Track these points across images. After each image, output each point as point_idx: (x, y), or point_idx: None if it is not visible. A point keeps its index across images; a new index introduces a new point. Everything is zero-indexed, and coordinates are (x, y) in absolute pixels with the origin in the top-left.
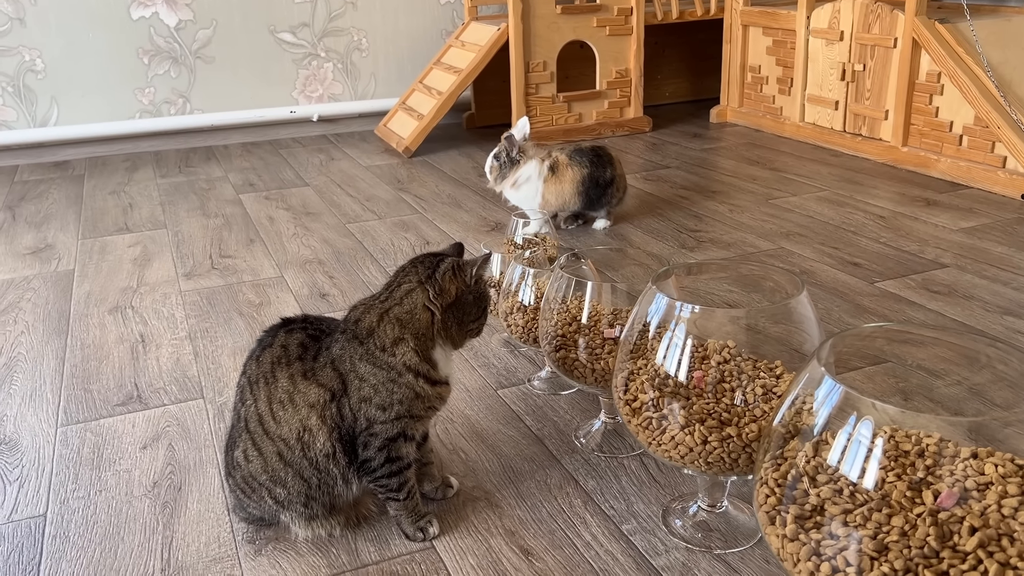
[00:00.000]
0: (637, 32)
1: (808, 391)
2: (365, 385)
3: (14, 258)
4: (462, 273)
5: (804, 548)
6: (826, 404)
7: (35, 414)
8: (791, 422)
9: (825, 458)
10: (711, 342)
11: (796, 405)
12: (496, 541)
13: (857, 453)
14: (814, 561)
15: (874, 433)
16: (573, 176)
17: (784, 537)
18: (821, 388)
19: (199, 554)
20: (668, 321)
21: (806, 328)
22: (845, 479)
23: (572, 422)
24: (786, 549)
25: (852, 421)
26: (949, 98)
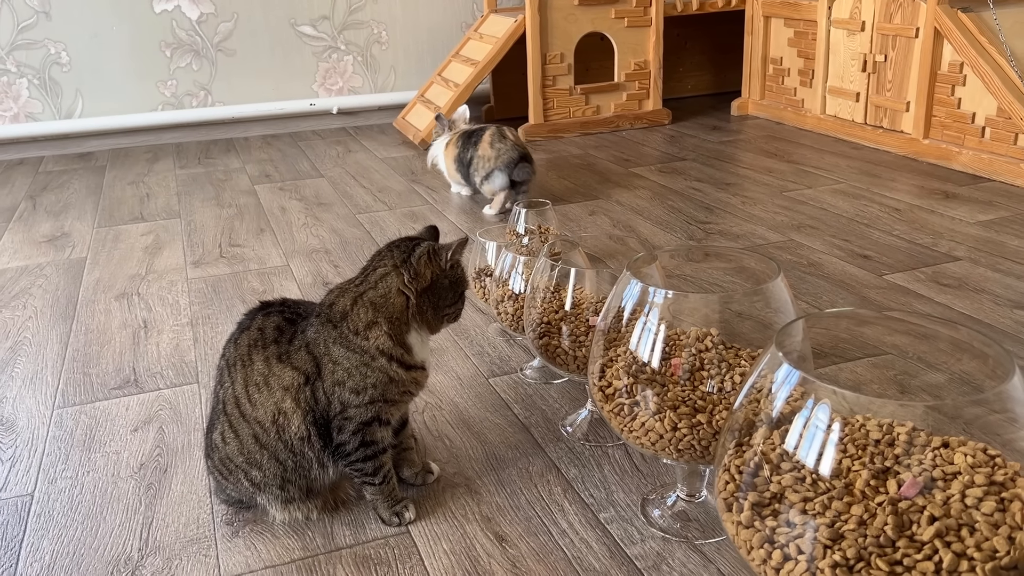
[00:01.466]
0: (656, 23)
1: (768, 375)
2: (339, 368)
3: (30, 245)
4: (437, 257)
5: (758, 535)
6: (783, 389)
7: (33, 396)
8: (751, 408)
9: (786, 445)
10: (693, 330)
11: (756, 391)
12: (472, 527)
13: (815, 439)
14: (767, 548)
15: (831, 419)
16: (450, 153)
17: (739, 524)
18: (779, 372)
19: (177, 535)
20: (643, 307)
21: (784, 315)
22: (807, 468)
23: (560, 411)
24: (740, 536)
25: (809, 405)
26: (971, 89)
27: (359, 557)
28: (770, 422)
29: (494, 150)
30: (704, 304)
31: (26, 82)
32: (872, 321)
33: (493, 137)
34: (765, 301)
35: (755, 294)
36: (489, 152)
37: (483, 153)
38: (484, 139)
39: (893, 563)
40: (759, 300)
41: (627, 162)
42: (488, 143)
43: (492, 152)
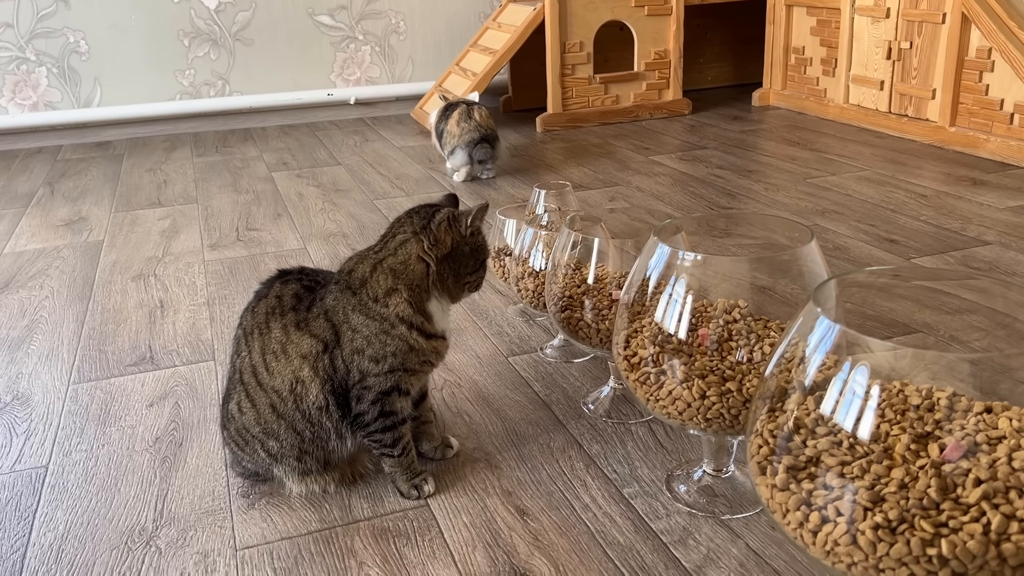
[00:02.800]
0: (677, 12)
1: (801, 340)
2: (358, 336)
3: (48, 229)
4: (457, 223)
5: (794, 498)
6: (821, 347)
7: (49, 372)
8: (785, 371)
9: (822, 410)
10: (720, 301)
11: (790, 354)
12: (492, 501)
13: (852, 402)
14: (803, 511)
15: (870, 381)
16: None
17: (774, 487)
18: (817, 329)
19: (192, 506)
20: (670, 275)
21: (815, 282)
22: (845, 432)
23: (581, 389)
24: (775, 499)
25: (846, 369)
26: (1000, 75)
27: (377, 529)
28: (805, 386)
29: (459, 128)
30: (734, 268)
31: (45, 71)
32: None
33: (461, 115)
34: (798, 267)
35: (788, 258)
36: (455, 129)
37: (450, 129)
38: (453, 116)
39: (938, 525)
40: (792, 266)
41: (647, 150)
42: (455, 121)
43: (457, 130)
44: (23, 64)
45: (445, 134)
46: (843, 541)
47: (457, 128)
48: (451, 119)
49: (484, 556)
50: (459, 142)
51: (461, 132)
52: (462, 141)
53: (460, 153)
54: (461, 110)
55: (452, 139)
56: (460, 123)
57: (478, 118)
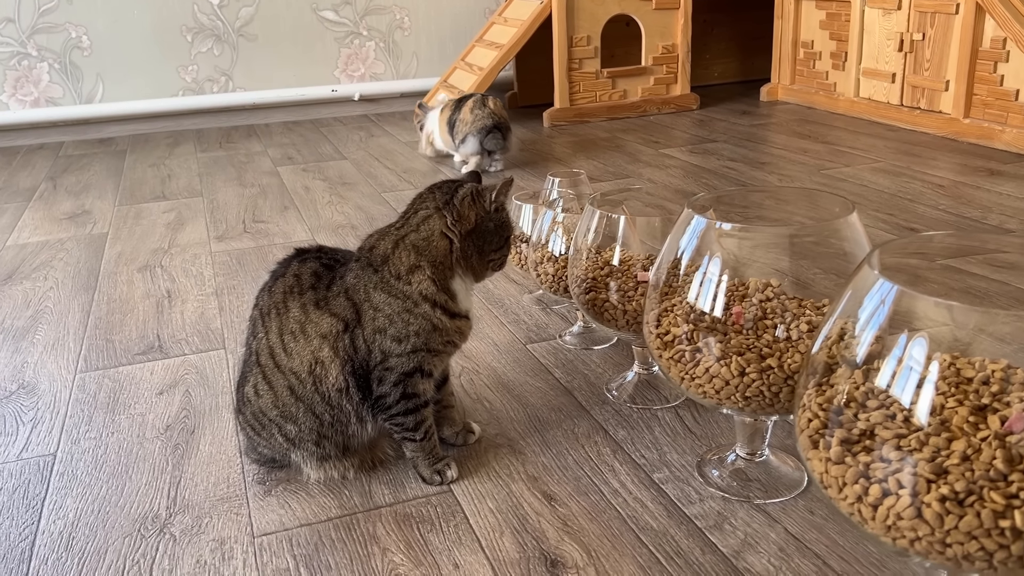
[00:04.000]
0: (684, 6)
1: (854, 307)
2: (380, 315)
3: (51, 222)
4: (481, 199)
5: (851, 471)
6: (877, 315)
7: (55, 361)
8: (833, 347)
9: (875, 383)
10: (752, 280)
11: (839, 327)
12: (517, 486)
13: (910, 375)
14: (862, 484)
15: (928, 353)
16: (444, 117)
17: (828, 460)
18: (871, 296)
19: (206, 493)
20: (705, 248)
21: (857, 255)
22: (898, 404)
23: (604, 375)
24: (830, 473)
25: (903, 342)
26: (1015, 65)
27: (400, 515)
28: (857, 357)
29: (472, 115)
30: (772, 239)
31: (47, 66)
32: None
33: (475, 103)
34: (839, 239)
35: (828, 229)
36: (468, 117)
37: (463, 117)
38: (467, 104)
39: (1009, 496)
40: (832, 238)
41: (657, 144)
42: (469, 108)
43: (470, 117)
44: (24, 60)
45: (458, 123)
46: (907, 515)
47: (470, 115)
48: (465, 107)
49: (512, 542)
50: (471, 129)
51: (474, 119)
52: (474, 128)
53: (471, 141)
54: (475, 99)
55: (464, 127)
56: (474, 111)
57: (492, 106)
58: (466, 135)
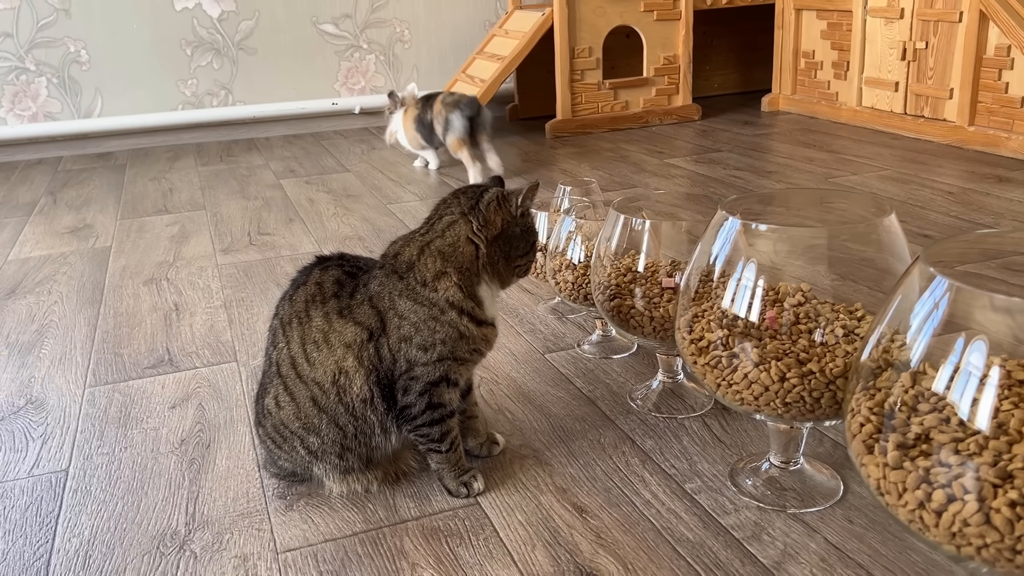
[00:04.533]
0: (686, 17)
1: (906, 307)
2: (405, 323)
3: (52, 236)
4: (507, 203)
5: (912, 476)
6: (934, 315)
7: (63, 376)
8: (882, 356)
9: (927, 387)
10: (782, 285)
11: (888, 335)
12: (546, 498)
13: (969, 379)
14: (924, 489)
15: (988, 361)
16: (410, 116)
17: (886, 466)
18: (932, 290)
19: (226, 508)
20: (740, 251)
21: (895, 255)
22: (951, 407)
23: (626, 384)
24: (889, 478)
25: (959, 347)
26: (1020, 72)
27: (427, 529)
28: (911, 359)
29: (444, 104)
30: (810, 239)
31: (45, 81)
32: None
33: (444, 96)
34: (877, 240)
35: (867, 230)
36: (440, 107)
37: (437, 109)
38: (437, 99)
39: None
40: (871, 241)
41: (661, 154)
42: (440, 101)
43: (441, 106)
44: (23, 74)
45: (434, 117)
46: (974, 521)
47: (442, 104)
48: (436, 102)
49: (545, 555)
50: (450, 110)
51: (448, 101)
52: (452, 107)
53: (456, 118)
54: (444, 94)
55: (441, 115)
56: (445, 100)
57: (458, 93)
58: (447, 117)
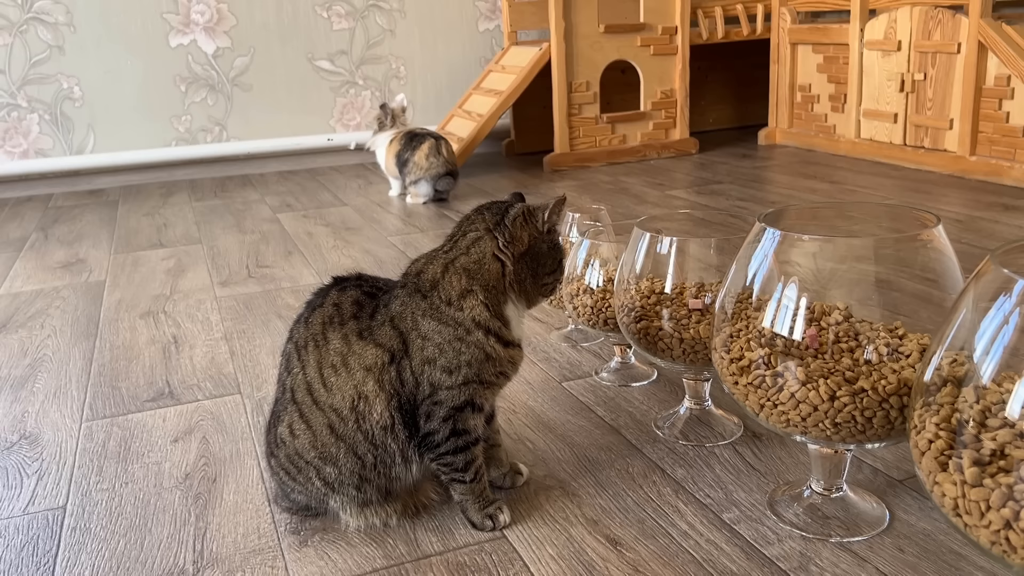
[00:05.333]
0: (682, 52)
1: (975, 318)
2: (429, 344)
3: (44, 271)
4: (533, 219)
5: (996, 493)
6: (1009, 324)
7: (59, 410)
8: (949, 370)
9: (993, 401)
10: (818, 304)
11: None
12: (577, 530)
13: None
14: (1012, 507)
15: None
16: (392, 149)
17: (964, 484)
18: (1005, 301)
19: (236, 545)
20: (780, 265)
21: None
22: None
23: (649, 412)
24: (969, 496)
25: None
26: (1021, 101)
27: (452, 564)
28: (980, 374)
29: (427, 162)
30: (858, 250)
31: (37, 117)
32: None
33: (430, 150)
34: (927, 252)
35: (915, 241)
36: (423, 163)
37: (418, 161)
38: (422, 148)
39: None
40: (918, 251)
41: (661, 186)
42: (424, 154)
43: (425, 163)
44: (14, 111)
45: (411, 164)
46: None
47: (426, 162)
48: (419, 151)
49: None
50: (426, 175)
51: (429, 166)
52: (429, 174)
53: (425, 185)
54: (430, 144)
55: (419, 171)
56: (429, 158)
57: (445, 154)
58: (419, 179)
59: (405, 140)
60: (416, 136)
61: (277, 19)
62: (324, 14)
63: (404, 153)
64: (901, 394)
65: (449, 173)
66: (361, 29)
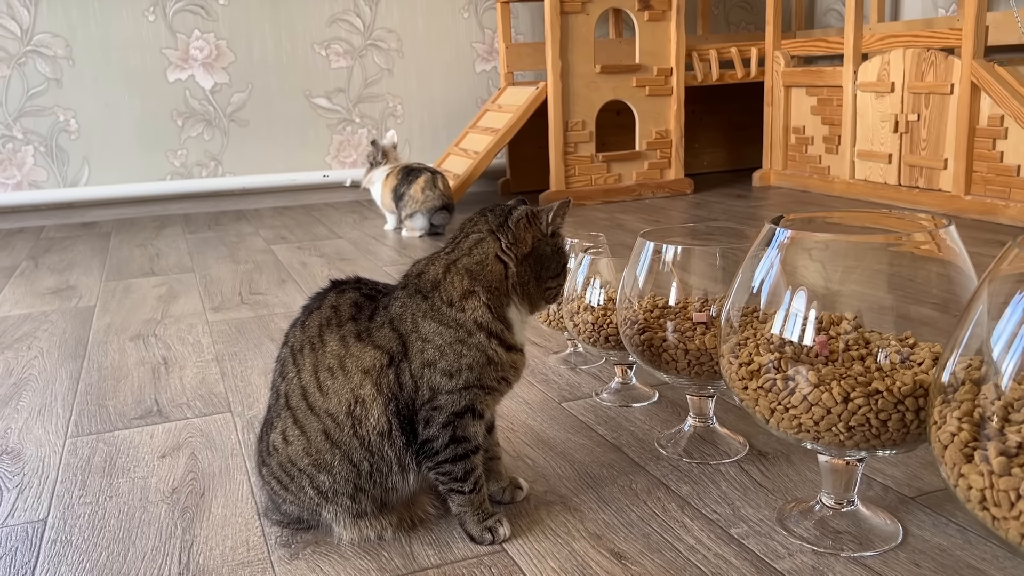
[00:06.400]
0: (677, 93)
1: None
2: (429, 347)
3: (33, 296)
4: (537, 221)
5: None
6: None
7: (43, 427)
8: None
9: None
10: (826, 314)
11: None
12: (580, 544)
13: None
14: None
15: None
16: (388, 184)
17: (992, 474)
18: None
19: (224, 558)
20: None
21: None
22: None
23: (651, 431)
24: (998, 486)
25: None
26: (1015, 141)
27: None
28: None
29: (423, 195)
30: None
31: (32, 149)
32: None
33: (426, 183)
34: (938, 257)
35: (924, 240)
36: (419, 196)
37: (414, 194)
38: (418, 182)
39: None
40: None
41: (657, 223)
42: (420, 187)
43: (421, 196)
44: (9, 143)
45: (407, 198)
46: None
47: (422, 195)
48: (415, 185)
49: None
50: (421, 208)
51: (425, 199)
52: (424, 208)
53: (420, 218)
54: (426, 178)
55: (415, 204)
56: (425, 191)
57: (442, 187)
58: (415, 212)
59: (402, 174)
60: (413, 171)
61: (276, 56)
62: (323, 52)
63: (401, 187)
64: (917, 396)
65: (445, 207)
66: (359, 68)
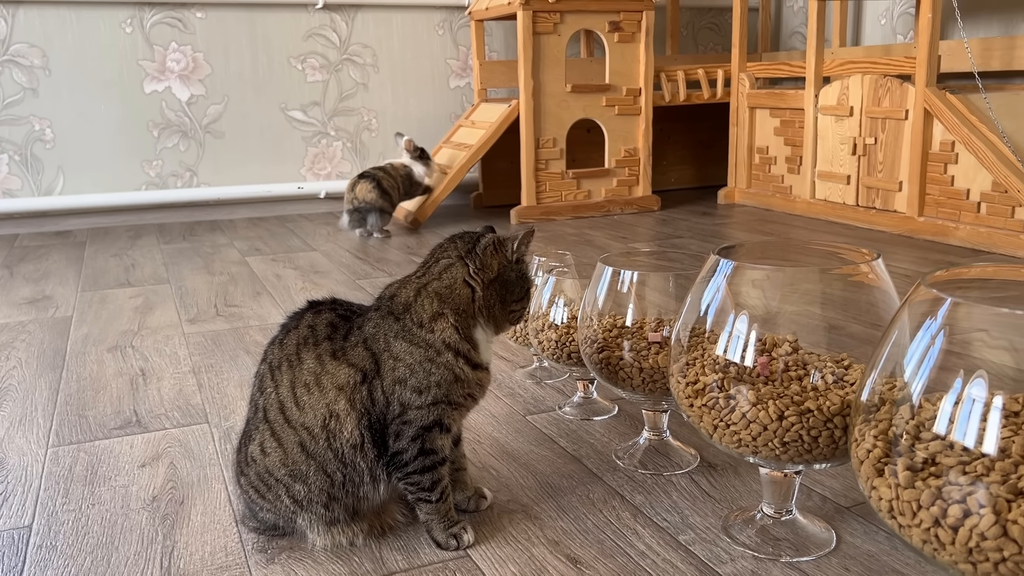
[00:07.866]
0: (646, 112)
1: (907, 335)
2: (400, 365)
3: (9, 306)
4: (503, 248)
5: (925, 494)
6: (937, 341)
7: (24, 436)
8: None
9: (927, 418)
10: (769, 336)
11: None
12: (539, 550)
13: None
14: (939, 505)
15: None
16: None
17: (898, 486)
18: (933, 320)
19: (203, 562)
20: (731, 296)
21: (884, 301)
22: (952, 436)
23: (610, 444)
24: (902, 497)
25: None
26: (964, 166)
27: None
28: (910, 393)
29: (346, 195)
30: (802, 279)
31: (6, 158)
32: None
33: (351, 185)
34: (867, 286)
35: (856, 272)
36: (347, 195)
37: (345, 192)
38: (352, 182)
39: None
40: (859, 287)
41: (624, 239)
42: (349, 187)
43: (347, 196)
44: None
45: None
46: (991, 534)
47: (347, 194)
48: (351, 183)
49: None
50: (344, 206)
51: (345, 200)
52: (345, 207)
53: (343, 216)
54: (353, 180)
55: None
56: (348, 192)
57: (356, 192)
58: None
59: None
60: (363, 174)
61: (252, 69)
62: (299, 66)
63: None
64: (845, 415)
65: (357, 210)
66: (335, 82)
